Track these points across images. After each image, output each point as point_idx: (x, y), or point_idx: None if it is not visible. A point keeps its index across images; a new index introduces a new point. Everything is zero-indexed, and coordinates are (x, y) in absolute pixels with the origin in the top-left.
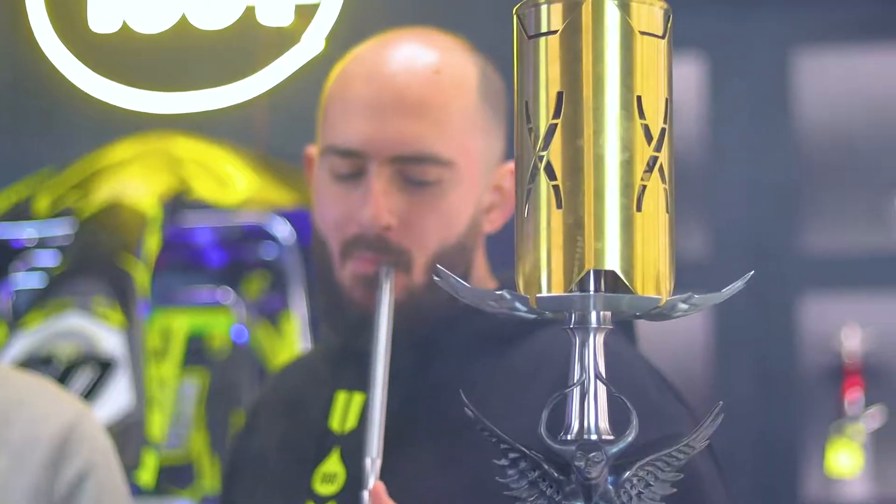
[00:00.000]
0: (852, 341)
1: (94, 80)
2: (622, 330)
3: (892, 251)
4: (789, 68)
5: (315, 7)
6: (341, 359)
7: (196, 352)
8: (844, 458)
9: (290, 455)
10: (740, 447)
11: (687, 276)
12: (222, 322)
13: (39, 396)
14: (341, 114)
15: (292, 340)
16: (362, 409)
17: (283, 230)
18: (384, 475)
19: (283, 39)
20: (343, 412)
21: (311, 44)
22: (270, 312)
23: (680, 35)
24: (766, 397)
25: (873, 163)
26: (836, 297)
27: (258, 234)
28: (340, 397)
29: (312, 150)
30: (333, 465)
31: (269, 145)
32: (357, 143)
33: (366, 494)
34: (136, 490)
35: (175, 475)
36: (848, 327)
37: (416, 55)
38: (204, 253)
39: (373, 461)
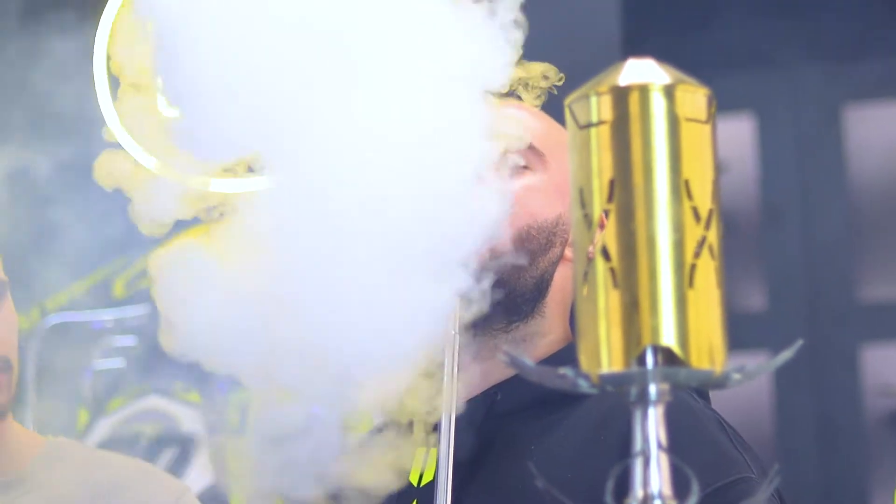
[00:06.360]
0: None
1: None
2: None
3: None
4: (839, 123)
5: None
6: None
7: None
8: None
9: None
10: (806, 497)
11: (747, 330)
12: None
13: (139, 479)
14: None
15: None
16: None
17: None
18: None
19: None
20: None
21: None
22: None
23: (730, 94)
24: (829, 447)
25: None
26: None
27: None
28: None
29: None
30: None
31: None
32: None
33: None
34: None
35: None
36: None
37: None
38: None
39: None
